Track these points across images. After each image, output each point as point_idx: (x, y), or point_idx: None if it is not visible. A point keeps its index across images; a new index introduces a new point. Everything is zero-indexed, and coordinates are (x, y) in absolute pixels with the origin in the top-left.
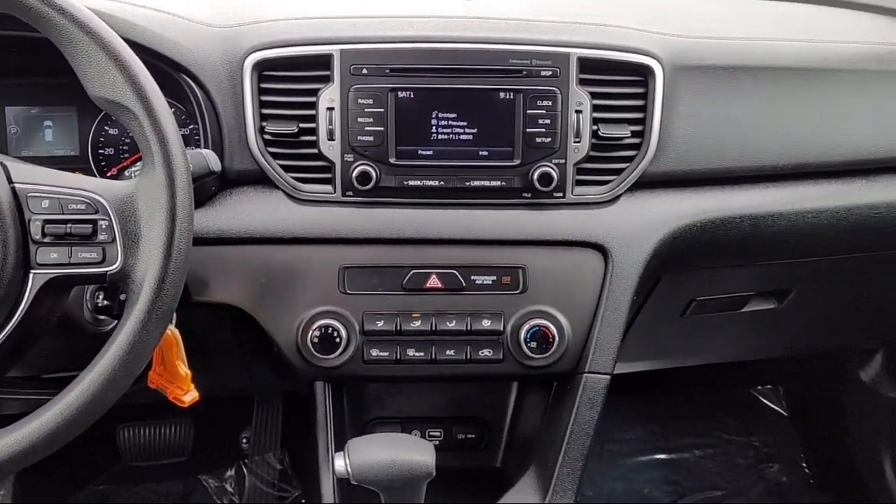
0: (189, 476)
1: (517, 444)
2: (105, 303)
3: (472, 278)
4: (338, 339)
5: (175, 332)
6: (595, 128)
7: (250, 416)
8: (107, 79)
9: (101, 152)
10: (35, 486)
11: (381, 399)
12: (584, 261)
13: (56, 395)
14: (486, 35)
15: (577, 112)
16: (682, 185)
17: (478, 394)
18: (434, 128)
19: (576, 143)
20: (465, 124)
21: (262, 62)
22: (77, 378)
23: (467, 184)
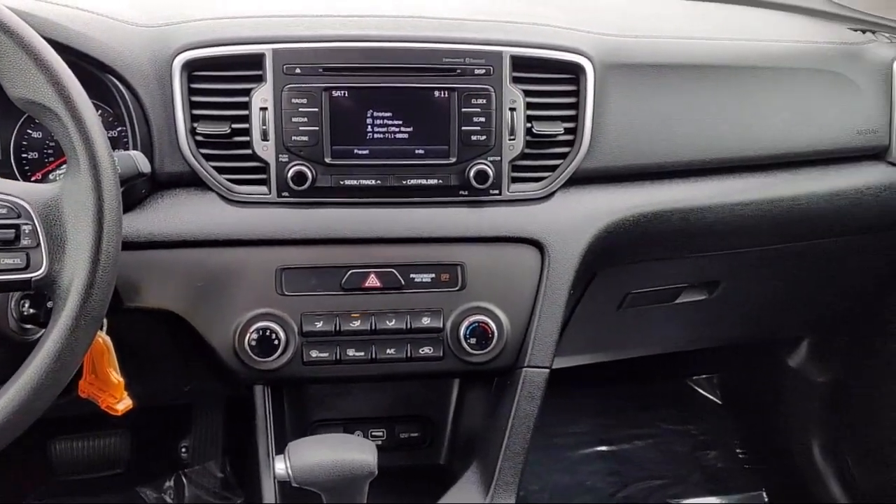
0: (126, 489)
1: (460, 441)
2: (31, 311)
3: (411, 276)
4: (276, 342)
5: (106, 338)
6: (529, 125)
7: (189, 424)
8: (27, 79)
9: (24, 156)
10: None
11: (322, 401)
12: (522, 257)
13: None
14: (420, 34)
15: (512, 110)
16: (615, 180)
17: (420, 392)
18: (369, 127)
19: (511, 140)
20: (400, 123)
21: (192, 62)
22: (2, 388)
23: (404, 182)
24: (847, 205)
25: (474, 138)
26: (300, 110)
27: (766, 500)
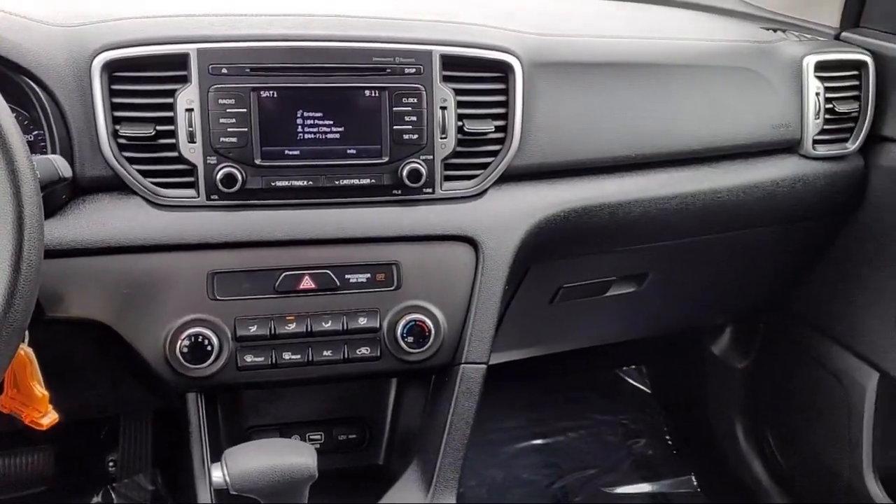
0: None
1: (399, 441)
2: None
3: (346, 277)
4: (209, 348)
5: (28, 350)
6: (460, 124)
7: (116, 437)
8: None
9: None
10: None
11: (257, 406)
12: (456, 254)
13: None
14: (349, 33)
15: (443, 108)
16: (546, 177)
17: (357, 393)
18: (300, 127)
19: (442, 139)
20: (331, 123)
21: (113, 62)
22: None
23: (336, 182)
24: (764, 196)
25: (406, 137)
26: (228, 111)
27: (696, 483)
